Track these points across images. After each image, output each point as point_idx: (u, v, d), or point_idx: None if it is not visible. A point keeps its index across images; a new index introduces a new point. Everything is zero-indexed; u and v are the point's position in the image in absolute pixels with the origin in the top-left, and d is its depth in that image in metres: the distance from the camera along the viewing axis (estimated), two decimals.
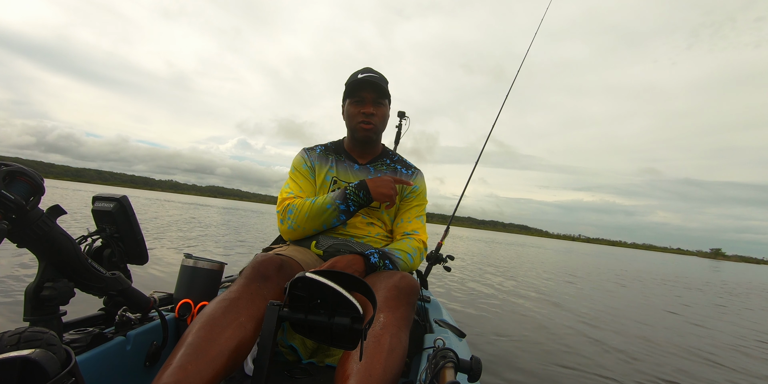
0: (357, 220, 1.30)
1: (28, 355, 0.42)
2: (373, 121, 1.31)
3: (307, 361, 1.12)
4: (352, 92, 1.31)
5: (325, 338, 0.61)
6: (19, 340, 0.46)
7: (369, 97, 1.30)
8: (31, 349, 0.44)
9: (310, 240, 1.25)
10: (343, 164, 1.38)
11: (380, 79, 1.33)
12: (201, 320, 0.79)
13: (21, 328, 0.48)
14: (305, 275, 0.58)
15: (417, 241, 1.30)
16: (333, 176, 1.34)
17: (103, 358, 0.83)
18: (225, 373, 0.74)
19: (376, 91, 1.30)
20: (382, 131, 1.40)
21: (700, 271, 19.94)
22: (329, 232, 1.27)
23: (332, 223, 1.22)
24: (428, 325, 1.33)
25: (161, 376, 0.67)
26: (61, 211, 0.71)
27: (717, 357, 3.18)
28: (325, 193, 1.29)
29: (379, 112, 1.32)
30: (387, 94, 1.34)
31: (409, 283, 0.99)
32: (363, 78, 1.28)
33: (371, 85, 1.29)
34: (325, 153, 1.40)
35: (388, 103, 1.37)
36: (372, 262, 1.10)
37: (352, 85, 1.30)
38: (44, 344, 0.46)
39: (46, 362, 0.43)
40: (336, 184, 1.33)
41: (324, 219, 1.20)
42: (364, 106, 1.30)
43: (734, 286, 11.60)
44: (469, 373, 0.68)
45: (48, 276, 0.73)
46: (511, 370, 2.31)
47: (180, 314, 1.09)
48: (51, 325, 0.73)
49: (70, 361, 0.47)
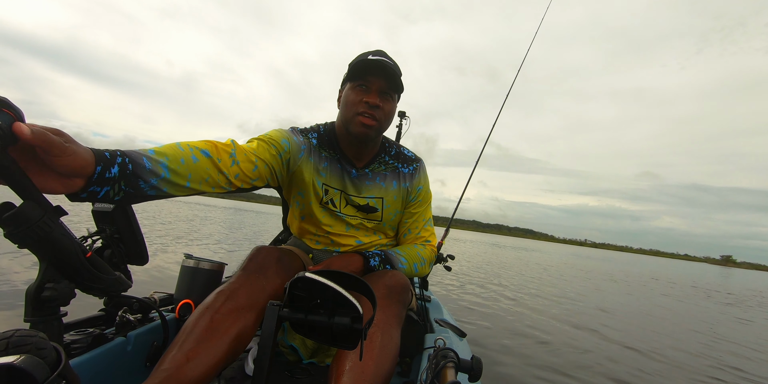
0: (349, 246, 1.18)
1: (12, 362, 0.41)
2: (378, 115, 1.05)
3: (308, 361, 1.12)
4: (357, 74, 1.04)
5: (325, 338, 0.61)
6: (7, 346, 0.45)
7: (377, 84, 1.04)
8: (18, 354, 0.43)
9: (307, 251, 1.22)
10: (336, 166, 1.15)
11: (395, 66, 1.07)
12: (200, 310, 0.80)
13: (8, 332, 0.47)
14: (305, 275, 0.58)
15: (429, 251, 1.22)
16: (324, 183, 1.13)
17: (104, 359, 0.83)
18: (225, 362, 0.75)
19: (387, 79, 1.04)
20: (383, 132, 1.14)
21: (730, 280, 19.18)
22: (323, 250, 1.20)
23: None
24: (429, 324, 1.33)
25: (162, 363, 0.68)
26: (62, 212, 0.71)
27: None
28: (319, 205, 1.14)
29: (386, 106, 1.07)
30: (399, 87, 1.08)
31: (399, 282, 0.99)
32: (374, 60, 1.02)
33: (383, 71, 1.03)
34: (317, 146, 1.14)
35: (397, 98, 1.12)
36: (371, 266, 1.07)
37: (358, 65, 1.04)
38: (33, 348, 0.45)
39: (33, 368, 0.42)
40: (328, 195, 1.14)
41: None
42: (368, 95, 1.04)
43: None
44: (469, 372, 0.68)
45: (49, 277, 0.73)
46: (512, 370, 2.31)
47: (180, 315, 1.09)
48: (51, 326, 0.73)
49: (60, 363, 0.47)
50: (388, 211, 1.19)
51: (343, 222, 1.17)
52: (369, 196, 1.17)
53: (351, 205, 1.16)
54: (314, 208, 1.14)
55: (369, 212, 1.18)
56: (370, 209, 1.17)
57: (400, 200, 1.21)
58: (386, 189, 1.19)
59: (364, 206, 1.17)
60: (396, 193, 1.20)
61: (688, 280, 11.66)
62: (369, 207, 1.17)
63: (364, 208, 1.17)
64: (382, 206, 1.18)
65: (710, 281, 12.24)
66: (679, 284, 10.07)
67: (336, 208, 1.15)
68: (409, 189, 1.23)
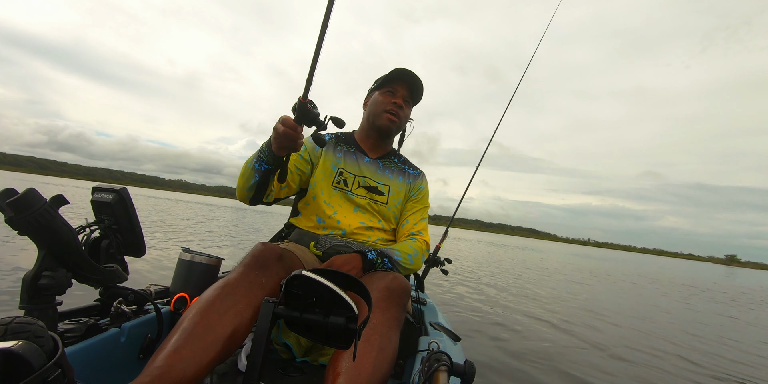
0: (355, 225, 1.26)
1: (10, 347, 0.42)
2: (400, 114, 1.33)
3: (301, 359, 1.12)
4: (388, 81, 1.33)
5: (319, 337, 0.61)
6: (6, 332, 0.46)
7: (402, 92, 1.33)
8: (16, 341, 0.43)
9: (309, 239, 1.25)
10: (351, 156, 1.36)
11: (419, 79, 1.35)
12: (198, 306, 0.79)
13: (8, 319, 0.48)
14: (301, 273, 0.58)
15: (420, 242, 1.30)
16: (340, 167, 1.33)
17: (97, 349, 0.83)
18: (219, 360, 0.74)
19: (410, 89, 1.33)
20: (398, 133, 1.42)
21: (744, 281, 18.83)
22: (329, 234, 1.26)
23: (251, 182, 1.12)
24: (423, 327, 1.33)
25: (155, 359, 0.68)
26: (63, 201, 0.71)
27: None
28: (329, 183, 1.30)
29: (406, 110, 1.35)
30: (417, 98, 1.38)
31: (400, 285, 0.99)
32: (404, 71, 1.31)
33: (411, 81, 1.32)
34: (334, 141, 1.38)
35: (411, 107, 1.40)
36: (369, 259, 1.10)
37: (391, 75, 1.32)
38: (31, 336, 0.46)
39: (30, 354, 0.43)
40: (342, 176, 1.31)
41: (246, 177, 1.12)
42: (395, 98, 1.32)
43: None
44: (462, 377, 0.68)
45: (47, 265, 0.73)
46: (505, 376, 2.31)
47: (175, 308, 1.09)
48: (46, 315, 0.73)
49: (57, 351, 0.47)
50: (392, 198, 1.36)
51: (351, 202, 1.30)
52: (378, 181, 1.36)
53: (362, 186, 1.33)
54: (325, 188, 1.29)
55: (377, 194, 1.34)
56: (378, 192, 1.34)
57: (403, 193, 1.39)
58: (393, 180, 1.39)
59: (374, 188, 1.34)
60: (401, 186, 1.39)
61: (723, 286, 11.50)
62: (377, 190, 1.34)
63: (374, 190, 1.33)
64: (388, 192, 1.36)
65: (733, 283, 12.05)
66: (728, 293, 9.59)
67: (347, 188, 1.31)
68: (412, 186, 1.42)
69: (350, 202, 1.30)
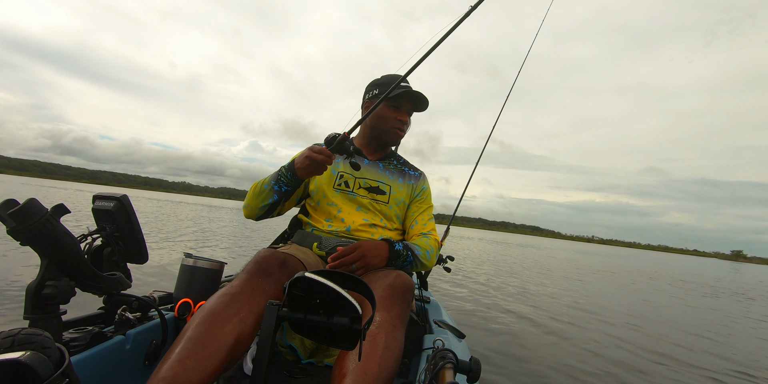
0: (359, 222, 1.28)
1: (18, 358, 0.42)
2: (404, 129, 1.40)
3: (306, 361, 1.12)
4: (396, 98, 1.33)
5: (324, 338, 0.61)
6: (13, 343, 0.46)
7: (407, 106, 1.37)
8: (24, 351, 0.44)
9: (313, 240, 1.25)
10: (351, 160, 1.39)
11: (427, 101, 1.39)
12: (201, 314, 0.79)
13: (15, 330, 0.48)
14: (304, 275, 0.58)
15: (433, 241, 1.33)
16: (340, 171, 1.36)
17: (103, 357, 0.83)
18: (223, 369, 0.74)
19: (415, 109, 1.41)
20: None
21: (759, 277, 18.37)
22: (333, 231, 1.27)
23: (267, 201, 1.20)
24: (428, 325, 1.33)
25: (159, 369, 0.67)
26: (64, 210, 0.71)
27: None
28: (331, 186, 1.34)
29: (409, 122, 1.42)
30: (420, 111, 1.45)
31: (403, 282, 0.99)
32: (416, 92, 1.33)
33: (418, 103, 1.38)
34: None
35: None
36: (396, 250, 1.15)
37: (401, 93, 1.32)
38: (38, 347, 0.46)
39: (38, 365, 0.43)
40: (342, 178, 1.35)
41: (262, 198, 1.20)
42: (400, 114, 1.36)
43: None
44: (468, 373, 0.68)
45: (50, 275, 0.73)
46: (511, 372, 2.31)
47: (179, 313, 1.09)
48: (51, 324, 0.73)
49: (64, 362, 0.47)
50: (394, 197, 1.37)
51: (354, 202, 1.33)
52: (379, 180, 1.38)
53: (363, 187, 1.36)
54: (327, 190, 1.33)
55: (378, 193, 1.36)
56: (380, 191, 1.36)
57: (405, 193, 1.40)
58: (393, 181, 1.41)
59: (375, 187, 1.36)
60: (402, 186, 1.41)
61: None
62: (379, 189, 1.37)
63: (375, 190, 1.36)
64: (389, 192, 1.38)
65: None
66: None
67: (348, 189, 1.34)
68: (414, 187, 1.43)
69: (353, 202, 1.32)
